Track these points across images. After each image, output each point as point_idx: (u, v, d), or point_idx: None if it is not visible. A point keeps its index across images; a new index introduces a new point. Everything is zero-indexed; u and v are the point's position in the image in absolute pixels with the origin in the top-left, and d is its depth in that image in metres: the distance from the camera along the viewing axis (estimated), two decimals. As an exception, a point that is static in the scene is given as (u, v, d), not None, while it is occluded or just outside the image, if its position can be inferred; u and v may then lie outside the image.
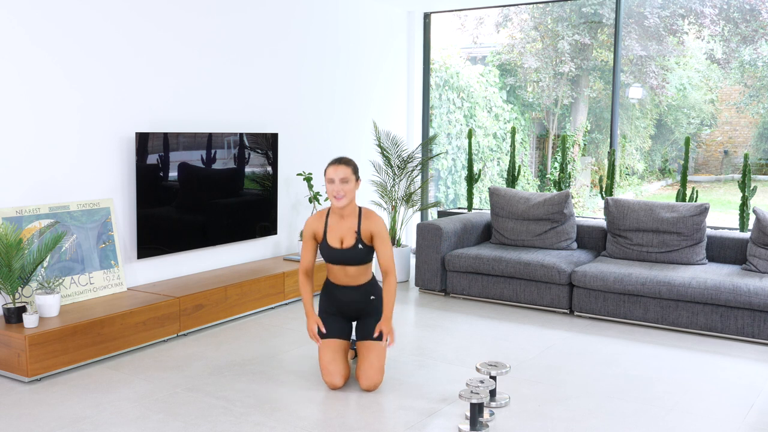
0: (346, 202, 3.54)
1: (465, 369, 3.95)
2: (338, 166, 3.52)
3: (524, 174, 10.88)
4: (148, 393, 3.55)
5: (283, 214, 5.88)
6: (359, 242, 3.57)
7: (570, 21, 10.78)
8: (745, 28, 10.68)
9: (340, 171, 3.50)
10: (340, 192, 3.50)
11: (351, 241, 3.57)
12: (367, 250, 3.61)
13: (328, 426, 3.19)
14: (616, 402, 3.51)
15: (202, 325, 4.61)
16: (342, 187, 3.50)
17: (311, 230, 3.65)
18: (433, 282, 5.67)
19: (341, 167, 3.51)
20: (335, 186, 3.50)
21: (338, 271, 3.64)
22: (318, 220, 3.65)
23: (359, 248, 3.57)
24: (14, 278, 3.75)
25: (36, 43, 4.07)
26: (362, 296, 3.69)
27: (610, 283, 4.88)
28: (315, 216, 3.68)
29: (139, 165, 4.56)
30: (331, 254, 3.60)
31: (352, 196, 3.55)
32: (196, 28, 5.01)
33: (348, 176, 3.51)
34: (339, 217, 3.61)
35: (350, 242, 3.57)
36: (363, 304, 3.70)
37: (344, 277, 3.65)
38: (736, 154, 11.63)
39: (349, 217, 3.60)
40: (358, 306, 3.70)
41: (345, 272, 3.63)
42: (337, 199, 3.52)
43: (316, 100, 6.14)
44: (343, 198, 3.51)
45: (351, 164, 3.55)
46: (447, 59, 10.28)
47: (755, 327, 4.48)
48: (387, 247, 3.60)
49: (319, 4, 6.08)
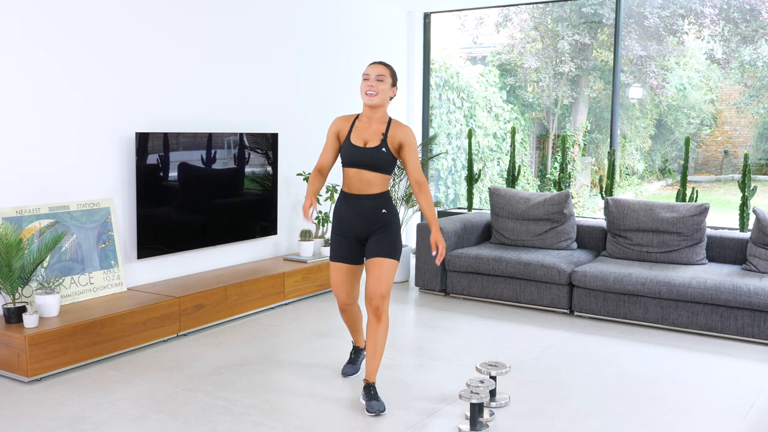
0: (378, 101, 3.37)
1: (465, 369, 3.95)
2: (377, 64, 3.40)
3: (524, 174, 10.88)
4: (148, 393, 3.55)
5: (283, 214, 5.88)
6: (384, 145, 3.38)
7: (570, 21, 10.78)
8: (745, 28, 10.68)
9: (377, 68, 3.38)
10: (373, 88, 3.35)
11: (376, 142, 3.38)
12: (390, 158, 3.41)
13: (328, 426, 3.19)
14: (616, 402, 3.51)
15: (202, 325, 4.61)
16: (376, 84, 3.35)
17: (336, 128, 3.47)
18: (433, 282, 5.67)
19: (379, 66, 3.39)
20: (369, 81, 3.35)
21: (354, 176, 3.41)
22: (345, 120, 3.48)
23: (383, 151, 3.38)
24: (14, 278, 3.75)
25: (36, 42, 4.07)
26: (374, 206, 3.42)
27: (610, 283, 4.88)
28: (343, 116, 3.52)
29: (139, 165, 4.56)
30: (353, 153, 3.39)
31: (384, 97, 3.39)
32: (197, 28, 5.01)
33: (384, 75, 3.37)
34: (368, 121, 3.43)
35: (375, 143, 3.38)
36: (374, 215, 3.42)
37: (359, 183, 3.41)
38: (736, 154, 11.63)
39: (378, 122, 3.42)
40: (368, 218, 3.42)
41: (361, 177, 3.40)
42: (368, 96, 3.36)
43: (316, 100, 6.14)
44: (375, 96, 3.35)
45: (390, 67, 3.43)
46: (447, 59, 10.28)
47: (755, 327, 4.48)
48: (417, 159, 3.45)
49: (319, 4, 6.08)
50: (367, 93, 3.36)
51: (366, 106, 3.41)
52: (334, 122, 3.50)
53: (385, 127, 3.41)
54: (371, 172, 3.40)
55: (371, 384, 3.41)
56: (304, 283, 5.41)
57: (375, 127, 3.41)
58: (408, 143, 3.40)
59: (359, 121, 3.45)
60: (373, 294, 3.37)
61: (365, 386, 3.42)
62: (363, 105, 3.43)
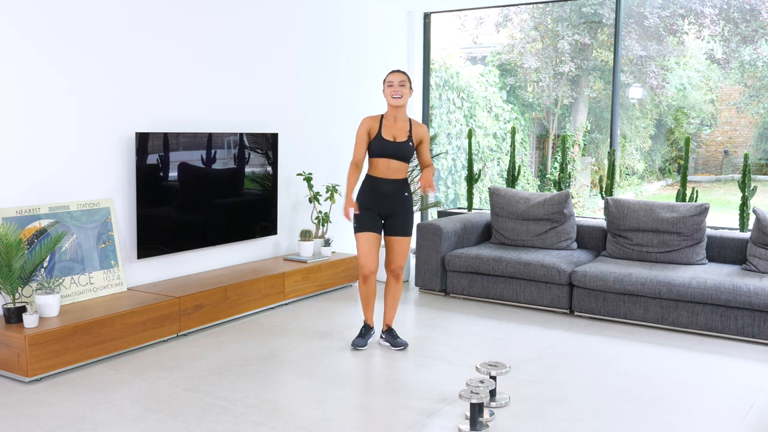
0: (403, 103, 4.16)
1: (465, 369, 3.95)
2: (397, 73, 4.17)
3: (524, 174, 10.88)
4: (148, 393, 3.55)
5: (283, 214, 5.88)
6: (410, 140, 4.20)
7: (570, 21, 10.78)
8: (745, 28, 10.68)
9: (400, 75, 4.16)
10: (398, 92, 4.12)
11: (404, 137, 4.19)
12: (413, 150, 4.23)
13: (328, 426, 3.19)
14: (616, 402, 3.51)
15: (202, 325, 4.61)
16: (400, 89, 4.13)
17: (367, 127, 4.18)
18: (433, 282, 5.67)
19: (400, 74, 4.17)
20: (395, 87, 4.13)
21: (383, 164, 4.17)
22: (373, 120, 4.22)
23: (409, 145, 4.19)
24: (14, 278, 3.75)
25: (36, 43, 4.07)
26: (398, 189, 4.21)
27: (610, 283, 4.88)
28: (371, 116, 4.25)
29: (139, 165, 4.56)
30: (385, 146, 4.15)
31: (407, 99, 4.17)
32: (197, 28, 5.01)
33: (405, 81, 4.16)
34: (393, 120, 4.20)
35: (403, 138, 4.18)
36: (397, 197, 4.20)
37: (386, 170, 4.17)
38: (736, 154, 11.63)
39: (401, 121, 4.21)
40: (393, 199, 4.19)
41: (388, 165, 4.17)
42: (395, 99, 4.13)
43: (316, 100, 6.14)
44: (400, 98, 4.13)
45: (407, 74, 4.21)
46: (447, 59, 10.28)
47: (755, 327, 4.48)
48: (429, 150, 4.35)
49: (319, 4, 6.08)
50: (393, 97, 4.14)
51: (392, 107, 4.18)
52: (363, 122, 4.22)
53: (408, 126, 4.23)
54: (398, 161, 4.18)
55: (391, 328, 4.37)
56: (304, 283, 5.41)
57: (400, 125, 4.21)
58: (426, 139, 4.31)
59: (385, 119, 4.22)
60: (396, 266, 4.29)
61: (387, 330, 4.36)
62: (388, 106, 4.20)
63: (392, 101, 4.14)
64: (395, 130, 4.18)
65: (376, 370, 3.93)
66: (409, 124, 4.23)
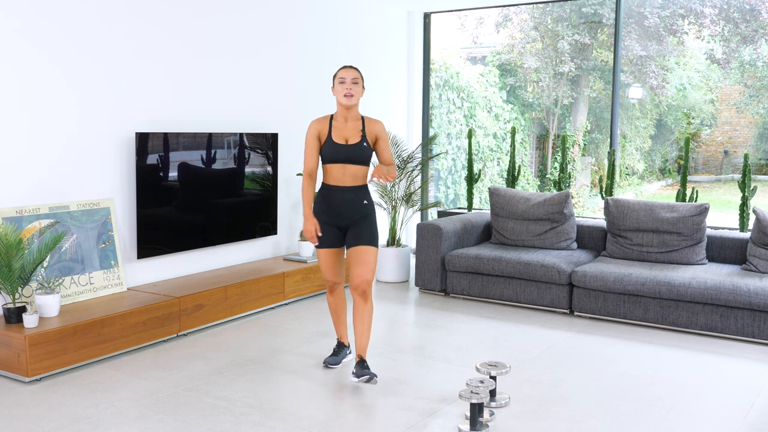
0: (355, 101, 3.73)
1: (465, 369, 3.95)
2: (349, 69, 3.75)
3: (524, 174, 10.87)
4: (148, 393, 3.55)
5: (283, 214, 5.88)
6: (364, 140, 3.76)
7: (570, 21, 10.78)
8: (745, 28, 10.68)
9: (352, 72, 3.73)
10: (351, 91, 3.70)
11: (357, 138, 3.75)
12: (369, 151, 3.79)
13: (328, 426, 3.19)
14: (616, 402, 3.51)
15: (202, 325, 4.61)
16: (353, 86, 3.71)
17: (315, 130, 3.77)
18: (433, 282, 5.67)
19: (352, 70, 3.74)
20: (347, 84, 3.70)
21: (337, 171, 3.75)
22: (322, 121, 3.80)
23: (364, 146, 3.75)
24: (14, 278, 3.75)
25: (35, 43, 4.07)
26: (357, 198, 3.77)
27: (610, 283, 4.88)
28: (318, 119, 3.82)
29: (139, 165, 4.56)
30: (337, 150, 3.73)
31: (359, 98, 3.75)
32: (197, 28, 5.01)
33: (358, 78, 3.74)
34: (343, 121, 3.78)
35: (356, 140, 3.75)
36: (356, 206, 3.77)
37: (342, 176, 3.75)
38: (736, 154, 11.63)
39: (353, 120, 3.78)
40: (351, 209, 3.76)
41: (344, 171, 3.74)
42: (347, 98, 3.70)
43: (316, 100, 6.13)
44: (352, 97, 3.71)
45: (359, 71, 3.80)
46: (447, 59, 10.27)
47: (755, 327, 4.48)
48: (389, 148, 3.91)
49: (319, 4, 6.08)
50: (345, 95, 3.71)
51: (342, 107, 3.75)
52: (311, 126, 3.79)
53: (361, 125, 3.79)
54: (354, 165, 3.75)
55: (363, 359, 3.74)
56: (304, 283, 5.41)
57: (352, 125, 3.78)
58: (383, 136, 3.84)
59: (335, 120, 3.79)
60: (361, 280, 3.71)
61: (359, 361, 3.72)
62: (337, 105, 3.77)
63: (343, 100, 3.70)
64: (347, 132, 3.74)
65: (376, 370, 3.93)
66: (362, 123, 3.78)
